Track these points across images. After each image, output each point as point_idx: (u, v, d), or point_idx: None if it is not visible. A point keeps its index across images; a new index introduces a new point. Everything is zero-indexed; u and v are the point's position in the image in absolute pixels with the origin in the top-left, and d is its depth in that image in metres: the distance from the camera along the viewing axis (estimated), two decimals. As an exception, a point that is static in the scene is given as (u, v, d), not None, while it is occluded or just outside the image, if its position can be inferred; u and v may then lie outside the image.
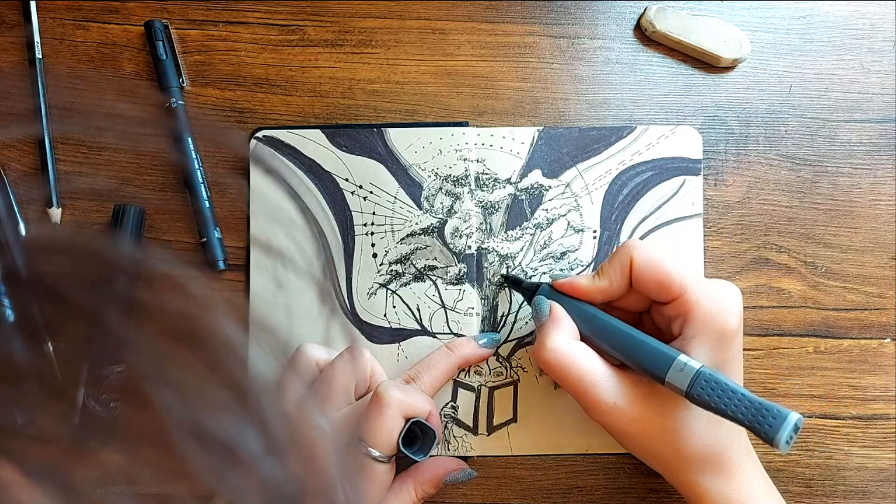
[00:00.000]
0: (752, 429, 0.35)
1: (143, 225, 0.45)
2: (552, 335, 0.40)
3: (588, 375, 0.39)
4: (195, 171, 0.46)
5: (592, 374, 0.39)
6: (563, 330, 0.40)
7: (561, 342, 0.39)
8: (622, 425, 0.39)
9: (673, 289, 0.39)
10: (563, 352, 0.39)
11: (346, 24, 0.48)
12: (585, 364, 0.39)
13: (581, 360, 0.39)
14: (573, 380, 0.39)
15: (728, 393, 0.35)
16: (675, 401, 0.38)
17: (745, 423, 0.35)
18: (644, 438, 0.39)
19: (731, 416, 0.35)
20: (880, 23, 0.49)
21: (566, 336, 0.40)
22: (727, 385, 0.36)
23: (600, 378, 0.39)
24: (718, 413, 0.36)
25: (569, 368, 0.39)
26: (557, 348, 0.39)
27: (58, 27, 0.48)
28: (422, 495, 0.42)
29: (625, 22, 0.49)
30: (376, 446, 0.39)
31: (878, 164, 0.48)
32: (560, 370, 0.39)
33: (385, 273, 0.46)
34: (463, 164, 0.47)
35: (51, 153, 0.46)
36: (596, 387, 0.38)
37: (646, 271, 0.39)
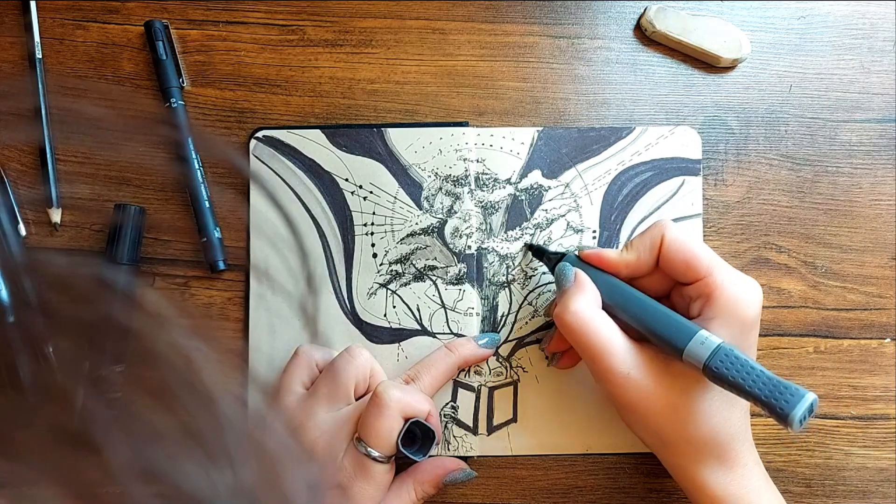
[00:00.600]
0: (767, 405, 0.35)
1: (143, 225, 0.45)
2: (576, 298, 0.40)
3: (607, 342, 0.39)
4: (195, 171, 0.46)
5: (611, 342, 0.39)
6: (586, 295, 0.40)
7: (584, 306, 0.39)
8: (632, 398, 0.39)
9: (700, 269, 0.39)
10: (585, 316, 0.39)
11: (346, 24, 0.48)
12: (605, 331, 0.39)
13: (601, 327, 0.39)
14: (591, 345, 0.39)
15: (747, 368, 0.35)
16: (689, 382, 0.38)
17: (761, 399, 0.35)
18: (651, 414, 0.39)
19: (747, 390, 0.35)
20: (880, 23, 0.49)
21: (590, 302, 0.40)
22: (746, 361, 0.36)
23: (618, 347, 0.39)
24: (735, 388, 0.35)
25: (589, 333, 0.39)
26: (580, 312, 0.39)
27: (58, 27, 0.48)
28: (421, 495, 0.42)
29: (625, 22, 0.49)
30: (376, 446, 0.39)
31: (878, 164, 0.48)
32: (580, 334, 0.39)
33: (385, 273, 0.46)
34: (463, 164, 0.47)
35: (51, 153, 0.46)
36: (613, 355, 0.39)
37: (675, 249, 0.40)
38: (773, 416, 0.35)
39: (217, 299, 0.46)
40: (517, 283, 0.46)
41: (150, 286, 0.45)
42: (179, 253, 0.47)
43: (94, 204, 0.47)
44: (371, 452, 0.39)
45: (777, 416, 0.34)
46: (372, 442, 0.39)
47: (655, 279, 0.42)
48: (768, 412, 0.35)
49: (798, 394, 0.34)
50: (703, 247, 0.40)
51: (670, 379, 0.39)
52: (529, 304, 0.46)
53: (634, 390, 0.39)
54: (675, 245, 0.40)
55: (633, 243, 0.41)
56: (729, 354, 0.36)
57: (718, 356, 0.36)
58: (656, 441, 0.40)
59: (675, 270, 0.40)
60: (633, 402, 0.39)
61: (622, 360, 0.39)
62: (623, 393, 0.39)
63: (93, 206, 0.47)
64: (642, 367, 0.39)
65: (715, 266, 0.39)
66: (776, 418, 0.35)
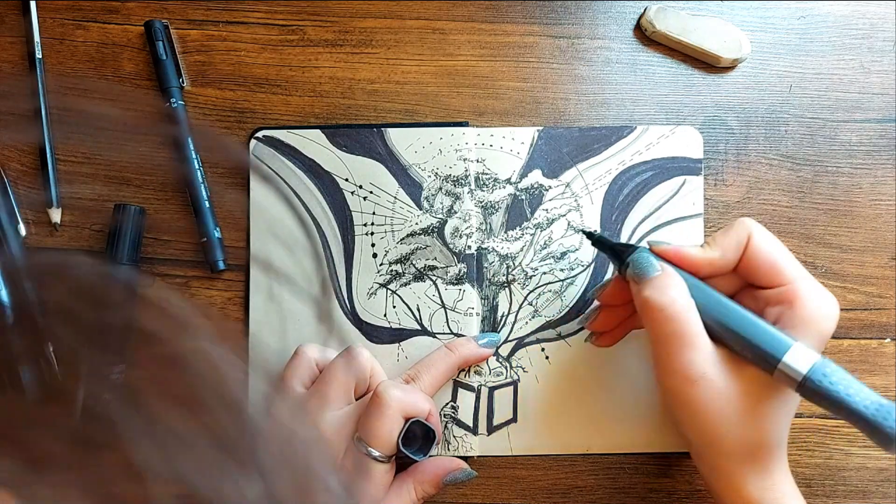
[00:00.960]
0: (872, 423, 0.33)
1: (143, 225, 0.45)
2: (674, 285, 0.38)
3: (695, 337, 0.37)
4: (195, 171, 0.46)
5: (699, 337, 0.37)
6: (682, 284, 0.38)
7: (682, 294, 0.38)
8: (700, 398, 0.37)
9: (785, 274, 0.38)
10: (682, 304, 0.37)
11: (346, 24, 0.48)
12: (696, 326, 0.37)
13: (694, 321, 0.37)
14: (678, 335, 0.37)
15: (851, 384, 0.34)
16: (762, 387, 0.37)
17: (866, 417, 0.33)
18: (713, 415, 0.37)
19: (852, 408, 0.34)
20: (880, 23, 0.49)
21: (686, 292, 0.38)
22: (848, 377, 0.34)
23: (704, 344, 0.37)
24: (835, 405, 0.34)
25: (682, 323, 0.37)
26: (679, 299, 0.37)
27: (58, 27, 0.48)
28: (422, 495, 0.42)
29: (625, 22, 0.49)
30: (376, 446, 0.39)
31: (878, 164, 0.48)
32: (674, 321, 0.37)
33: (385, 273, 0.46)
34: (463, 164, 0.47)
35: (51, 153, 0.46)
36: (698, 351, 0.37)
37: (763, 250, 0.38)
38: (876, 436, 0.33)
39: (217, 299, 0.46)
40: (517, 283, 0.46)
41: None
42: (179, 253, 0.47)
43: (94, 204, 0.47)
44: (371, 452, 0.39)
45: (881, 436, 0.33)
46: (372, 441, 0.39)
47: (727, 279, 0.40)
48: (870, 432, 0.33)
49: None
50: (788, 252, 0.39)
51: (741, 384, 0.37)
52: (529, 304, 0.46)
53: (704, 391, 0.37)
54: (763, 246, 0.38)
55: (716, 240, 0.39)
56: (832, 369, 0.34)
57: (820, 370, 0.34)
58: (704, 441, 0.39)
59: (757, 272, 0.39)
60: (699, 402, 0.37)
61: (703, 358, 0.37)
62: (692, 391, 0.37)
63: (93, 206, 0.47)
64: (717, 369, 0.37)
65: (800, 274, 0.38)
66: (878, 439, 0.33)
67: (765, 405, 0.37)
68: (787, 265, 0.38)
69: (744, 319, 0.37)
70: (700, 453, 0.40)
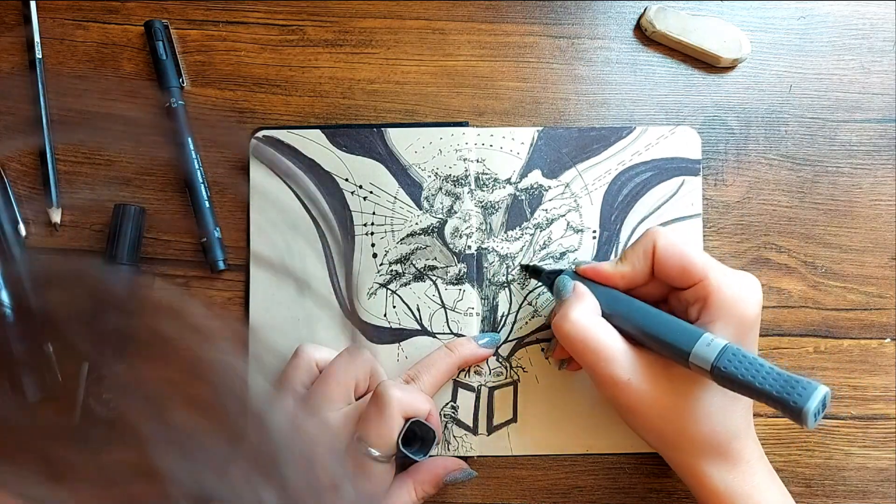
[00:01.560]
0: (780, 401, 0.34)
1: (143, 225, 0.45)
2: (575, 307, 0.40)
3: (606, 350, 0.39)
4: (195, 171, 0.46)
5: (611, 349, 0.39)
6: (585, 304, 0.40)
7: (583, 315, 0.40)
8: (633, 402, 0.39)
9: (695, 273, 0.39)
10: (584, 325, 0.39)
11: (346, 24, 0.48)
12: (605, 339, 0.39)
13: (601, 335, 0.39)
14: (591, 353, 0.39)
15: (756, 366, 0.35)
16: (689, 383, 0.39)
17: (772, 396, 0.34)
18: (653, 417, 0.39)
19: (758, 388, 0.35)
20: (880, 23, 0.49)
21: (588, 310, 0.40)
22: (754, 359, 0.35)
23: (618, 354, 0.39)
24: (744, 387, 0.35)
25: (588, 341, 0.39)
26: (579, 321, 0.39)
27: (58, 27, 0.48)
28: (422, 495, 0.42)
29: (625, 22, 0.49)
30: (376, 446, 0.39)
31: (878, 164, 0.48)
32: (580, 342, 0.39)
33: (385, 273, 0.46)
34: (463, 164, 0.47)
35: (51, 153, 0.46)
36: (613, 362, 0.39)
37: (669, 255, 0.40)
38: (787, 412, 0.34)
39: (217, 299, 0.46)
40: (517, 283, 0.46)
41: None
42: (179, 253, 0.47)
43: (94, 204, 0.47)
44: (371, 452, 0.39)
45: (790, 411, 0.34)
46: (372, 441, 0.39)
47: (652, 286, 0.42)
48: (781, 409, 0.34)
49: (810, 387, 0.34)
50: (697, 250, 0.40)
51: (669, 382, 0.39)
52: (529, 304, 0.46)
53: (635, 394, 0.39)
54: (668, 251, 0.40)
55: (626, 254, 0.41)
56: (736, 353, 0.36)
57: (725, 356, 0.36)
58: (659, 442, 0.41)
59: (671, 276, 0.40)
60: (635, 406, 0.39)
61: (622, 367, 0.39)
62: (625, 398, 0.39)
63: (93, 206, 0.47)
64: (642, 372, 0.39)
65: (710, 268, 0.39)
66: (789, 415, 0.34)
67: (698, 400, 0.38)
68: (696, 263, 0.39)
69: (657, 320, 0.39)
70: (661, 453, 0.42)
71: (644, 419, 0.40)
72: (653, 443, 0.41)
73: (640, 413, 0.39)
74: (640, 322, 0.40)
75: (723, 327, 0.38)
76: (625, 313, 0.40)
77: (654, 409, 0.39)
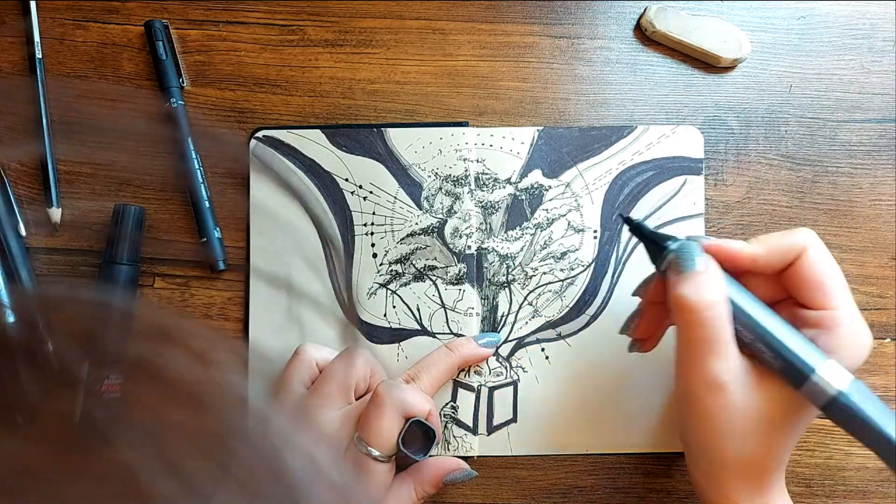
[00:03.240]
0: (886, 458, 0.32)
1: (143, 225, 0.45)
2: (715, 286, 0.36)
3: (725, 345, 0.36)
4: (195, 171, 0.46)
5: (728, 344, 0.36)
6: (723, 287, 0.36)
7: (719, 297, 0.36)
8: (717, 407, 0.36)
9: (832, 298, 0.37)
10: (718, 309, 0.36)
11: (346, 24, 0.48)
12: (727, 332, 0.36)
13: (726, 326, 0.36)
14: (708, 339, 0.36)
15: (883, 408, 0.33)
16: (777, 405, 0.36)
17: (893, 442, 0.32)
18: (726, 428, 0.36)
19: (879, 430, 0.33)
20: (880, 23, 0.49)
21: (725, 295, 0.36)
22: (882, 404, 0.34)
23: (731, 353, 0.36)
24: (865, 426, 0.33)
25: (714, 329, 0.35)
26: (717, 304, 0.36)
27: (58, 27, 0.48)
28: (422, 495, 0.42)
29: (625, 22, 0.49)
30: (376, 446, 0.39)
31: (878, 164, 0.48)
32: (703, 324, 0.35)
33: (385, 273, 0.46)
34: (463, 164, 0.47)
35: (50, 153, 0.46)
36: (724, 359, 0.36)
37: (816, 266, 0.37)
38: None
39: (217, 299, 0.46)
40: (517, 283, 0.46)
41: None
42: (179, 253, 0.47)
43: (94, 204, 0.47)
44: (371, 452, 0.39)
45: None
46: (372, 441, 0.39)
47: (769, 285, 0.39)
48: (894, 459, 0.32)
49: None
50: (841, 276, 0.37)
51: (761, 398, 0.36)
52: (529, 304, 0.46)
53: (723, 400, 0.36)
54: (818, 263, 0.37)
55: (767, 240, 0.38)
56: (864, 390, 0.34)
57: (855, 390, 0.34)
58: (707, 449, 0.37)
59: (804, 289, 0.37)
60: (714, 411, 0.36)
61: (728, 368, 0.36)
62: (710, 399, 0.36)
63: (93, 206, 0.47)
64: (741, 380, 0.36)
65: (848, 301, 0.37)
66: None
67: (779, 424, 0.36)
68: (837, 290, 0.37)
69: (780, 327, 0.36)
70: (697, 460, 0.39)
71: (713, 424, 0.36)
72: (698, 448, 0.38)
73: (714, 418, 0.36)
74: (760, 322, 0.36)
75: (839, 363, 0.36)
76: (742, 307, 0.36)
77: (731, 420, 0.36)
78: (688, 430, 0.38)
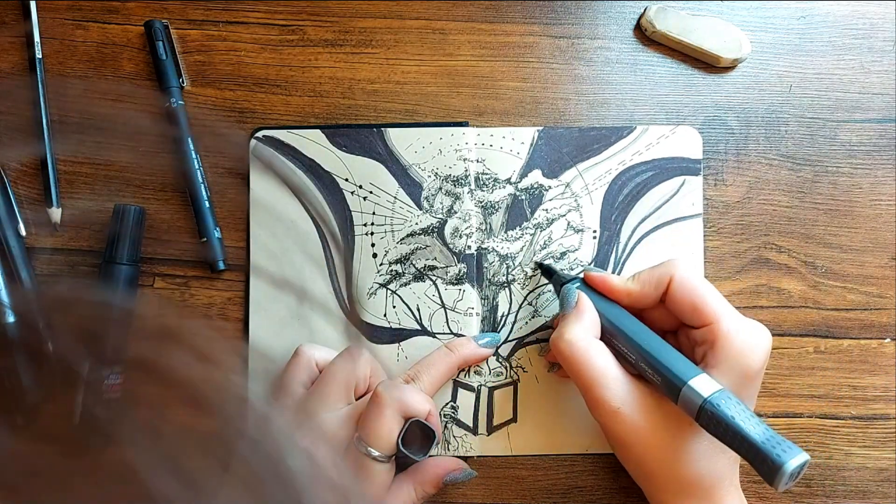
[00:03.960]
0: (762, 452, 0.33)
1: (143, 225, 0.45)
2: (573, 326, 0.40)
3: (600, 374, 0.39)
4: (195, 171, 0.46)
5: (604, 374, 0.39)
6: (584, 323, 0.40)
7: (580, 335, 0.39)
8: (621, 431, 0.39)
9: (706, 314, 0.39)
10: (580, 345, 0.39)
11: (346, 24, 0.48)
12: (600, 362, 0.39)
13: (596, 358, 0.39)
14: (584, 375, 0.39)
15: (747, 416, 0.34)
16: (680, 422, 0.38)
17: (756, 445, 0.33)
18: (638, 450, 0.39)
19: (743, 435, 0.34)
20: (880, 23, 0.49)
21: (587, 330, 0.40)
22: (747, 409, 0.35)
23: (612, 380, 0.39)
24: (729, 432, 0.34)
25: (582, 363, 0.39)
26: (575, 341, 0.39)
27: (58, 27, 0.48)
28: (422, 495, 0.42)
29: (625, 22, 0.49)
30: (376, 446, 0.39)
31: (878, 164, 0.48)
32: (574, 362, 0.39)
33: (385, 273, 0.46)
34: (463, 164, 0.47)
35: (50, 153, 0.46)
36: (605, 388, 0.38)
37: (683, 290, 0.40)
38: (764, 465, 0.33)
39: (217, 299, 0.46)
40: (517, 283, 0.46)
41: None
42: (179, 253, 0.47)
43: (94, 204, 0.47)
44: (371, 452, 0.39)
45: (768, 465, 0.33)
46: (372, 441, 0.39)
47: (662, 315, 0.42)
48: (759, 461, 0.33)
49: (795, 449, 0.33)
50: (713, 292, 0.40)
51: (661, 418, 0.38)
52: (529, 304, 0.46)
53: (623, 424, 0.38)
54: (684, 286, 0.40)
55: (641, 275, 0.41)
56: (730, 399, 0.35)
57: (719, 396, 0.35)
58: (641, 475, 0.40)
59: (682, 312, 0.40)
60: (622, 437, 0.39)
61: (614, 394, 0.38)
62: (612, 426, 0.39)
63: (93, 206, 0.47)
64: (634, 403, 0.38)
65: (722, 314, 0.39)
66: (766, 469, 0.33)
67: (688, 441, 0.38)
68: (709, 305, 0.39)
69: (658, 345, 0.39)
70: (641, 485, 0.41)
71: (630, 451, 0.39)
72: (635, 475, 0.41)
73: (628, 444, 0.39)
74: (640, 342, 0.39)
75: (724, 374, 0.37)
76: (626, 331, 0.40)
77: (641, 442, 0.38)
78: (619, 458, 0.41)
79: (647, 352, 0.38)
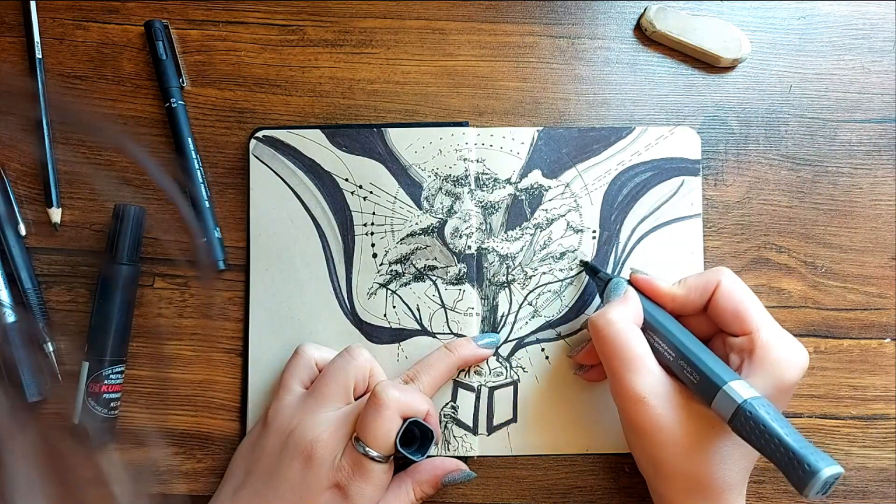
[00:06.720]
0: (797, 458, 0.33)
1: (143, 225, 0.45)
2: (617, 309, 0.40)
3: (633, 359, 0.39)
4: (195, 171, 0.46)
5: (639, 360, 0.39)
6: (628, 309, 0.40)
7: (623, 318, 0.40)
8: (643, 420, 0.38)
9: (748, 323, 0.39)
10: (619, 327, 0.39)
11: (346, 24, 0.48)
12: (636, 348, 0.39)
13: (633, 342, 0.39)
14: (617, 357, 0.39)
15: (783, 423, 0.34)
16: (704, 422, 0.38)
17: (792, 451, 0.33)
18: (657, 442, 0.38)
19: (780, 441, 0.34)
20: (880, 23, 0.49)
21: (629, 315, 0.40)
22: (783, 418, 0.34)
23: (644, 367, 0.38)
24: (767, 436, 0.34)
25: (618, 344, 0.39)
26: (616, 322, 0.39)
27: (58, 27, 0.48)
28: (420, 495, 0.42)
29: (625, 22, 0.49)
30: (374, 446, 0.39)
31: (878, 164, 0.48)
32: (610, 343, 0.39)
33: (385, 273, 0.46)
34: (463, 164, 0.47)
35: (50, 153, 0.46)
36: (636, 373, 0.38)
37: (728, 298, 0.40)
38: (798, 471, 0.33)
39: (217, 299, 0.46)
40: (517, 283, 0.46)
41: None
42: (179, 253, 0.47)
43: (94, 204, 0.47)
44: (369, 452, 0.39)
45: (802, 471, 0.32)
46: (370, 441, 0.39)
47: (701, 322, 0.42)
48: (792, 468, 0.33)
49: (831, 460, 0.33)
50: (757, 302, 0.40)
51: (686, 415, 0.38)
52: (529, 304, 0.46)
53: (645, 413, 0.38)
54: (729, 294, 0.40)
55: (687, 281, 0.41)
56: (767, 405, 0.35)
57: (756, 402, 0.35)
58: (651, 468, 0.40)
59: (724, 319, 0.40)
60: (642, 425, 0.38)
61: (644, 381, 0.38)
62: (634, 413, 0.38)
63: (93, 206, 0.47)
64: (661, 395, 0.38)
65: (763, 324, 0.39)
66: (798, 475, 0.33)
67: (708, 443, 0.38)
68: (751, 315, 0.39)
69: (697, 347, 0.39)
70: (648, 479, 0.41)
71: (647, 442, 0.39)
72: (645, 468, 0.41)
73: (646, 433, 0.38)
74: (680, 343, 0.39)
75: (758, 384, 0.37)
76: (667, 331, 0.40)
77: (660, 435, 0.38)
78: (631, 446, 0.41)
79: (689, 349, 0.38)
